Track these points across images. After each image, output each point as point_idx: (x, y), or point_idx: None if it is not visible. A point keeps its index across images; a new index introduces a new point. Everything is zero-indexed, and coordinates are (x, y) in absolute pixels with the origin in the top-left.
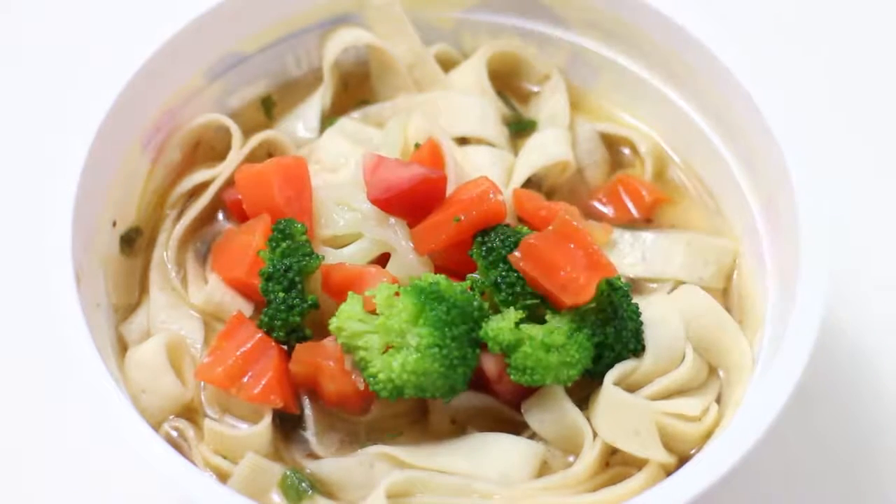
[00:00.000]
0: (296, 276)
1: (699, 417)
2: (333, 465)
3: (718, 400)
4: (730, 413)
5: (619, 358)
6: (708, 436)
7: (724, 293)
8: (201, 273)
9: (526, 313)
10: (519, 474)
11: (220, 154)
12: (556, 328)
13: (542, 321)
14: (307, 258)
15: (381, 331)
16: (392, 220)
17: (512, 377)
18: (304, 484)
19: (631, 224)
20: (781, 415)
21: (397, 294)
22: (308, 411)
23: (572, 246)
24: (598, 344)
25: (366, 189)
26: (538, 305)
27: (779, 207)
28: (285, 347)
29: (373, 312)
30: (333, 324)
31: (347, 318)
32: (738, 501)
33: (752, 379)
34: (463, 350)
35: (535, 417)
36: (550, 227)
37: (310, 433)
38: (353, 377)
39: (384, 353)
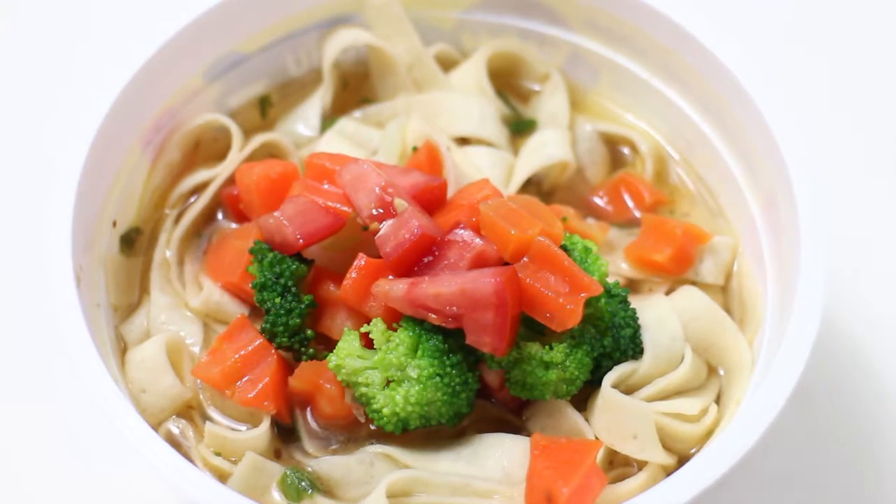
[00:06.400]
0: (288, 280)
1: (698, 417)
2: (333, 463)
3: (718, 400)
4: (729, 413)
5: (618, 363)
6: (708, 436)
7: (724, 291)
8: (200, 275)
9: (523, 327)
10: (521, 473)
11: (220, 154)
12: (554, 345)
13: (540, 330)
14: (296, 264)
15: (380, 366)
16: None
17: (511, 391)
18: (304, 483)
19: (630, 223)
20: (781, 415)
21: (392, 328)
22: (301, 421)
23: (551, 276)
24: (597, 355)
25: None
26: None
27: (779, 207)
28: (289, 353)
29: (370, 347)
30: (332, 362)
31: (346, 355)
32: (738, 501)
33: (751, 379)
34: (464, 375)
35: (536, 424)
36: (525, 258)
37: (306, 437)
38: (353, 410)
39: (385, 387)
